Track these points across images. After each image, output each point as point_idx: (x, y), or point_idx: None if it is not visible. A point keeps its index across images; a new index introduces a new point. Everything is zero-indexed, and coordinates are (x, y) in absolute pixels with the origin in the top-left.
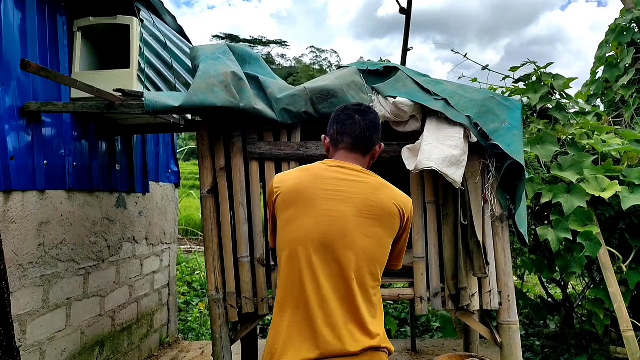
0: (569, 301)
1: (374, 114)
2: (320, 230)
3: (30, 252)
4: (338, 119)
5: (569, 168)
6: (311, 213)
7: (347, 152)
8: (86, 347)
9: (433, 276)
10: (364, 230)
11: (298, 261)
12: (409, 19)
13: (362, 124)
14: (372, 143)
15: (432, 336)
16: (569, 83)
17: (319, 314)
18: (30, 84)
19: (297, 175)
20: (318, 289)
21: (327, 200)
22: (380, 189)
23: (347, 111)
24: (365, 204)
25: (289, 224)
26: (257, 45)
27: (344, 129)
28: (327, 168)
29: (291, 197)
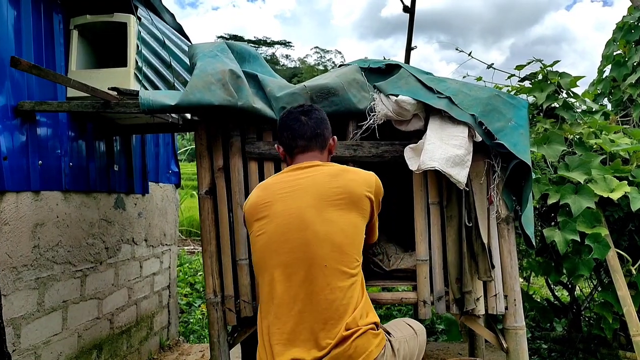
0: (577, 304)
1: (318, 110)
2: (282, 232)
3: (25, 254)
4: (285, 125)
5: (577, 168)
6: (271, 220)
7: (303, 154)
8: (83, 351)
9: (436, 279)
10: (326, 217)
11: (269, 273)
12: (412, 18)
13: (310, 123)
14: (325, 139)
15: (437, 339)
16: (576, 81)
17: (296, 321)
18: (24, 83)
19: (255, 194)
20: (290, 294)
21: (283, 201)
22: (340, 174)
23: (292, 115)
24: (323, 192)
25: (256, 239)
26: (261, 45)
27: (294, 133)
28: (282, 175)
29: (252, 215)
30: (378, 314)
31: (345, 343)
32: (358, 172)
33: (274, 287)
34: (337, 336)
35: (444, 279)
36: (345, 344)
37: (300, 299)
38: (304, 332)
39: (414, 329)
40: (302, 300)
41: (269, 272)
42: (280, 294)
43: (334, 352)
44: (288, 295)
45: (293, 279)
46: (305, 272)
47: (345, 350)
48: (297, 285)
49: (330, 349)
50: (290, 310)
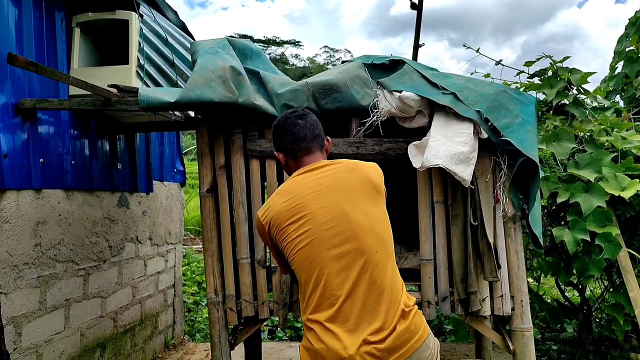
0: (587, 305)
1: (311, 113)
2: (327, 227)
3: (26, 252)
4: (285, 130)
5: (587, 166)
6: (311, 218)
7: (309, 155)
8: (86, 349)
9: (441, 279)
10: (362, 208)
11: (319, 269)
12: (420, 15)
13: (308, 125)
14: (323, 139)
15: (445, 339)
16: (587, 78)
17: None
18: (25, 81)
19: (279, 200)
20: (350, 283)
21: (317, 200)
22: (356, 168)
23: (289, 120)
24: (349, 187)
25: (296, 241)
26: (270, 45)
27: (295, 136)
28: (300, 177)
29: (282, 220)
30: None
31: (407, 320)
32: (367, 164)
33: (329, 281)
34: (397, 314)
35: (449, 279)
36: (407, 321)
37: (361, 287)
38: (368, 315)
39: None
40: (363, 287)
41: (320, 268)
42: (338, 285)
43: (398, 328)
44: (348, 284)
45: (350, 270)
46: (361, 261)
47: (408, 326)
48: (355, 274)
49: (395, 325)
50: (353, 299)
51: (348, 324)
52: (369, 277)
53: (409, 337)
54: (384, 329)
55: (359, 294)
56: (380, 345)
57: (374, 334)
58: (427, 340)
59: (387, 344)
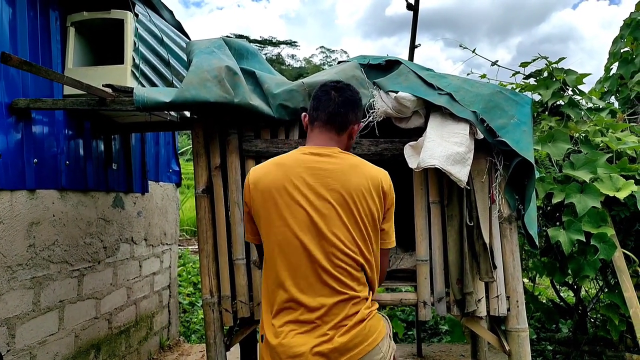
0: (582, 305)
1: (352, 91)
2: (301, 218)
3: (20, 253)
4: (315, 96)
5: (582, 167)
6: (292, 210)
7: (321, 130)
8: (80, 351)
9: (437, 280)
10: (345, 207)
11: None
12: (416, 15)
13: (337, 100)
14: (347, 120)
15: (440, 340)
16: (582, 79)
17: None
18: (19, 81)
19: (270, 171)
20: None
21: (301, 190)
22: (357, 167)
23: (325, 87)
24: (342, 182)
25: (271, 224)
26: (267, 45)
27: (318, 104)
28: (299, 157)
29: (266, 194)
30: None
31: (362, 322)
32: (371, 169)
33: (285, 279)
34: (353, 316)
35: (444, 279)
36: (362, 323)
37: (317, 286)
38: (324, 315)
39: (386, 319)
40: (319, 286)
41: (278, 265)
42: (294, 284)
43: (352, 330)
44: (304, 284)
45: (308, 270)
46: (325, 255)
47: (361, 329)
48: (315, 275)
49: (350, 327)
50: (307, 298)
51: (303, 322)
52: (327, 278)
53: (361, 340)
54: (338, 330)
55: (316, 294)
56: (330, 345)
57: (325, 334)
58: (381, 344)
59: (337, 344)
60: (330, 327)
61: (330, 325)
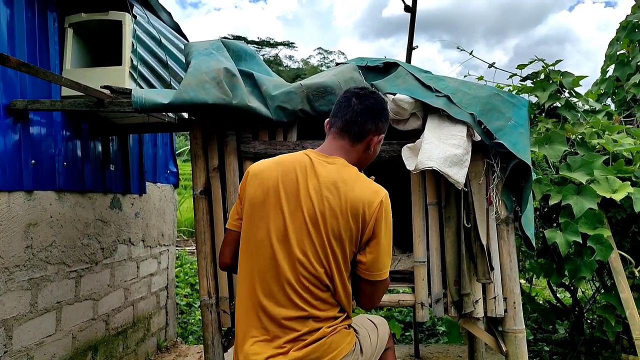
0: (579, 306)
1: (375, 99)
2: (279, 233)
3: (17, 254)
4: (338, 101)
5: (579, 168)
6: (272, 216)
7: (334, 137)
8: (78, 352)
9: (435, 281)
10: (313, 235)
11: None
12: (413, 17)
13: (356, 108)
14: (365, 130)
15: (438, 340)
16: (579, 81)
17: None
18: (18, 82)
19: (269, 167)
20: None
21: (290, 195)
22: (353, 187)
23: (347, 93)
24: (318, 207)
25: (253, 221)
26: (264, 46)
27: (337, 111)
28: (300, 159)
29: (259, 191)
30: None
31: (325, 337)
32: (368, 187)
33: (255, 283)
34: (315, 329)
35: (442, 281)
36: (325, 338)
37: (281, 295)
38: (286, 325)
39: (374, 322)
40: (283, 296)
41: (257, 262)
42: (259, 290)
43: (312, 346)
44: (268, 290)
45: (275, 276)
46: (292, 265)
47: (322, 344)
48: (277, 282)
49: (310, 342)
50: (271, 307)
51: (264, 329)
52: (290, 292)
53: (319, 356)
54: (296, 343)
55: (278, 304)
56: (284, 358)
57: (282, 346)
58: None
59: (292, 358)
60: (288, 339)
61: (288, 337)
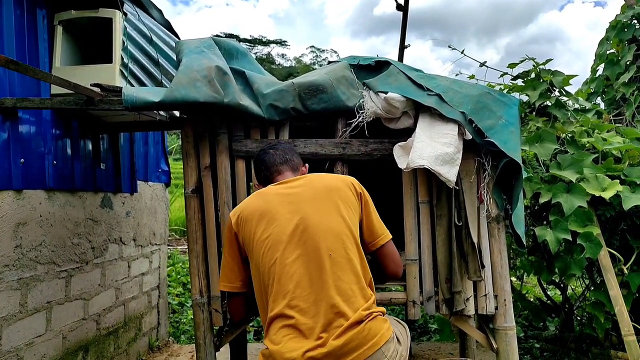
0: (569, 303)
1: (284, 143)
2: (288, 233)
3: (6, 254)
4: (259, 160)
5: (569, 167)
6: (281, 222)
7: (279, 175)
8: (68, 352)
9: (426, 279)
10: (322, 211)
11: (279, 269)
12: (405, 16)
13: (278, 152)
14: (295, 163)
15: (430, 338)
16: (569, 80)
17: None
18: (6, 80)
19: (251, 201)
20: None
21: (283, 206)
22: (321, 176)
23: (262, 152)
24: (312, 192)
25: (262, 241)
26: (257, 44)
27: (267, 164)
28: (272, 187)
29: (253, 218)
30: None
31: (360, 324)
32: (331, 175)
33: (284, 283)
34: (350, 318)
35: (433, 279)
36: (360, 325)
37: (314, 289)
38: (319, 318)
39: (401, 323)
40: (316, 289)
41: (278, 271)
42: (292, 288)
43: (348, 332)
44: (301, 288)
45: (304, 273)
46: (315, 263)
47: (360, 331)
48: (308, 278)
49: (345, 329)
50: (305, 302)
51: (298, 326)
52: (322, 279)
53: (359, 343)
54: (332, 332)
55: (311, 298)
56: (323, 349)
57: (320, 338)
58: (385, 348)
59: (332, 348)
60: (322, 329)
61: (322, 327)
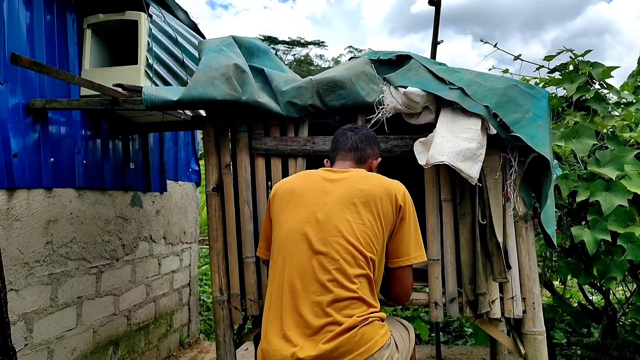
0: (612, 309)
1: (367, 129)
2: (305, 222)
3: (37, 250)
4: (334, 139)
5: (608, 163)
6: (299, 208)
7: (341, 162)
8: (99, 347)
9: (449, 280)
10: (347, 215)
11: (286, 252)
12: (438, 12)
13: (354, 137)
14: (366, 154)
15: (466, 342)
16: (610, 72)
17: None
18: (37, 82)
19: (291, 180)
20: (301, 278)
21: (314, 196)
22: (368, 178)
23: (342, 130)
24: (348, 192)
25: (282, 223)
26: (295, 46)
27: (337, 144)
28: (319, 171)
29: (284, 198)
30: (394, 314)
31: (353, 330)
32: (384, 178)
33: (286, 278)
34: (343, 322)
35: (457, 279)
36: (352, 331)
37: (311, 289)
38: (312, 319)
39: (405, 326)
40: (313, 289)
41: (287, 264)
42: (291, 284)
43: (339, 338)
44: (298, 285)
45: (305, 270)
46: (321, 260)
47: (351, 337)
48: (309, 276)
49: (337, 334)
50: (299, 300)
51: (290, 325)
52: (322, 281)
53: (350, 349)
54: (324, 336)
55: (309, 298)
56: (312, 352)
57: (311, 340)
58: (378, 355)
59: (321, 352)
60: (314, 332)
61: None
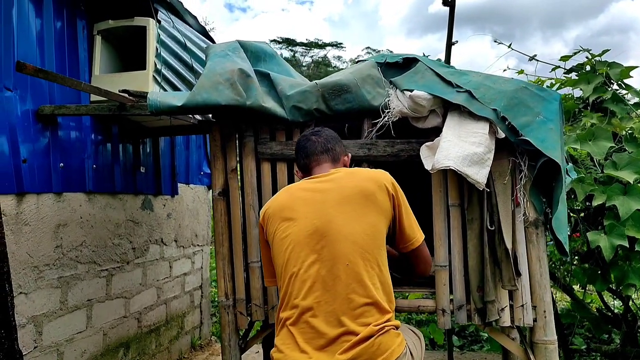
0: (631, 315)
1: (327, 129)
2: (307, 233)
3: (47, 253)
4: (298, 148)
5: (626, 166)
6: (297, 222)
7: (318, 167)
8: (109, 349)
9: (457, 287)
10: (347, 217)
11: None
12: (452, 12)
13: (320, 140)
14: (337, 152)
15: (482, 347)
16: (629, 72)
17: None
18: (46, 88)
19: (277, 199)
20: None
21: (306, 205)
22: (354, 173)
23: (303, 137)
24: (341, 194)
25: (281, 240)
26: (313, 48)
27: (306, 151)
28: (303, 182)
29: (276, 217)
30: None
31: (371, 338)
32: (369, 170)
33: (295, 287)
34: (361, 330)
35: (465, 286)
36: (370, 340)
37: (325, 296)
38: (328, 328)
39: (416, 333)
40: (327, 297)
41: (292, 273)
42: (303, 293)
43: (358, 347)
44: (312, 293)
45: (317, 277)
46: (329, 269)
47: (368, 346)
48: (321, 283)
49: (355, 342)
50: (314, 308)
51: (306, 333)
52: (336, 290)
53: (368, 359)
54: (340, 346)
55: (322, 308)
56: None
57: (327, 351)
58: None
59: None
60: (329, 341)
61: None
